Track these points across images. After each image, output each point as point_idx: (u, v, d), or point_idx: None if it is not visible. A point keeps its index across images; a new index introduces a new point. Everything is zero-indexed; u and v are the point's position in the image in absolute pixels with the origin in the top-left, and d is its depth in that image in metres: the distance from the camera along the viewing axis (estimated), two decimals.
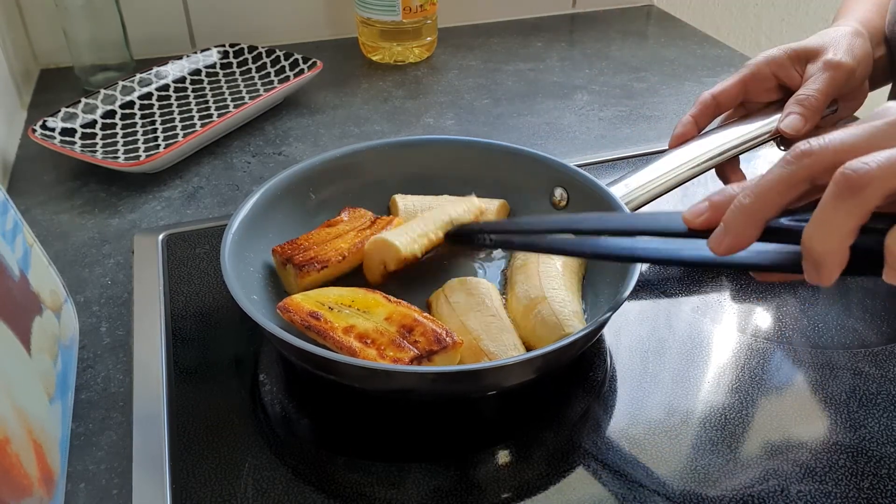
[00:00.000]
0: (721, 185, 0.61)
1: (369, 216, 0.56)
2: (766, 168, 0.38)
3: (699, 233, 0.40)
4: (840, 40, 0.58)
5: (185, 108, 0.80)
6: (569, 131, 0.80)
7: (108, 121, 0.77)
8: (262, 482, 0.42)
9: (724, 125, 0.60)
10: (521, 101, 0.86)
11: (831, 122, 0.59)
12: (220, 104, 0.80)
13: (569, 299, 0.49)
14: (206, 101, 0.81)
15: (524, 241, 0.50)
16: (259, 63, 0.87)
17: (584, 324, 0.48)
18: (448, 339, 0.44)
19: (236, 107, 0.79)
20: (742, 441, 0.45)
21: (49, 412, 0.41)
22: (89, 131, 0.75)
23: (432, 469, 0.43)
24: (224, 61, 0.88)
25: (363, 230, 0.54)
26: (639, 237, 0.44)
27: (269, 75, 0.86)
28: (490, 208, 0.58)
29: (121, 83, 0.80)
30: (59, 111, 0.74)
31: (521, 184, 0.59)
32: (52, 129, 0.73)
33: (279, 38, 0.99)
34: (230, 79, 0.86)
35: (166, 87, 0.83)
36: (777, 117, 0.57)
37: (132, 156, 0.71)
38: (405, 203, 0.58)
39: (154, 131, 0.76)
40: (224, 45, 0.89)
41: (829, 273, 0.35)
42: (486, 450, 0.45)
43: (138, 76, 0.82)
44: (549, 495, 0.42)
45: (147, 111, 0.79)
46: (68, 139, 0.73)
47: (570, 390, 0.48)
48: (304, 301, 0.47)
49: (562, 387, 0.48)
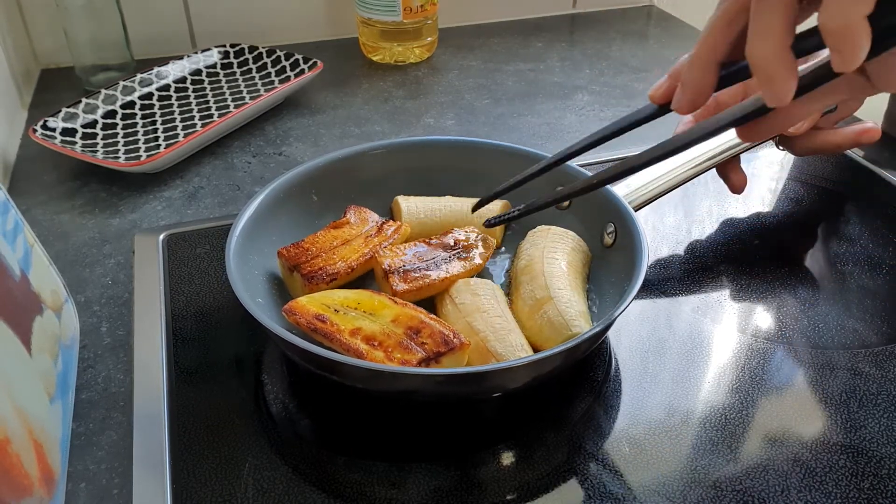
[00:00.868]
0: (722, 185, 0.61)
1: (375, 219, 0.56)
2: (767, 168, 0.38)
3: (667, 106, 0.41)
4: None
5: (185, 108, 0.80)
6: (569, 132, 0.80)
7: (109, 121, 0.77)
8: (263, 482, 0.42)
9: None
10: (522, 102, 0.86)
11: (831, 122, 0.59)
12: (221, 104, 0.80)
13: (574, 299, 0.49)
14: (207, 101, 0.81)
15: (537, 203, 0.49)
16: (260, 63, 0.87)
17: (590, 324, 0.48)
18: (455, 340, 0.44)
19: (237, 107, 0.79)
20: (742, 441, 0.45)
21: (49, 412, 0.41)
22: (90, 131, 0.75)
23: (433, 469, 0.43)
24: (225, 61, 0.88)
25: (370, 237, 0.54)
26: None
27: (269, 75, 0.86)
28: (492, 209, 0.58)
29: (121, 83, 0.80)
30: (60, 111, 0.74)
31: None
32: (53, 129, 0.73)
33: (280, 38, 0.99)
34: (231, 79, 0.86)
35: (167, 87, 0.83)
36: None
37: (133, 156, 0.71)
38: (408, 205, 0.58)
39: (155, 131, 0.76)
40: (225, 45, 0.89)
41: (780, 83, 0.34)
42: (487, 450, 0.45)
43: (139, 76, 0.82)
44: (549, 495, 0.42)
45: (148, 111, 0.79)
46: (69, 139, 0.73)
47: (571, 390, 0.48)
48: (309, 304, 0.47)
49: (563, 387, 0.48)
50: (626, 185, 0.56)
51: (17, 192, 0.69)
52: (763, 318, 0.55)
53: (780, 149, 0.63)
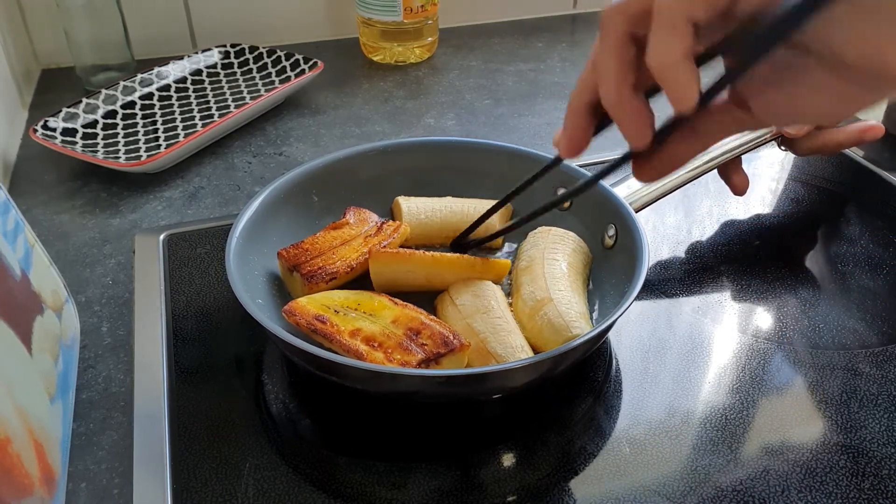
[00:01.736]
0: (722, 185, 0.61)
1: (375, 220, 0.56)
2: (767, 168, 0.38)
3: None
4: None
5: (186, 108, 0.80)
6: None
7: (110, 121, 0.77)
8: (263, 482, 0.42)
9: None
10: (522, 102, 0.86)
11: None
12: (222, 104, 0.80)
13: (575, 301, 0.49)
14: (208, 101, 0.81)
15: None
16: (260, 63, 0.87)
17: (590, 325, 0.48)
18: (455, 341, 0.44)
19: (237, 107, 0.79)
20: (743, 441, 0.45)
21: (50, 412, 0.41)
22: (90, 131, 0.75)
23: (434, 469, 0.43)
24: (225, 61, 0.88)
25: (370, 237, 0.54)
26: None
27: (270, 75, 0.86)
28: (504, 215, 0.58)
29: (122, 83, 0.80)
30: (61, 111, 0.74)
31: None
32: (54, 129, 0.73)
33: (280, 38, 0.99)
34: (231, 79, 0.86)
35: (167, 87, 0.83)
36: None
37: (133, 156, 0.71)
38: (409, 205, 0.58)
39: (155, 131, 0.76)
40: (225, 45, 0.89)
41: (629, 123, 0.35)
42: (488, 450, 0.45)
43: (139, 76, 0.82)
44: (550, 495, 0.42)
45: (148, 111, 0.79)
46: (69, 139, 0.73)
47: (572, 391, 0.48)
48: (309, 304, 0.47)
49: (563, 387, 0.48)
50: (627, 186, 0.56)
51: (18, 191, 0.69)
52: (763, 318, 0.55)
53: (783, 149, 0.63)
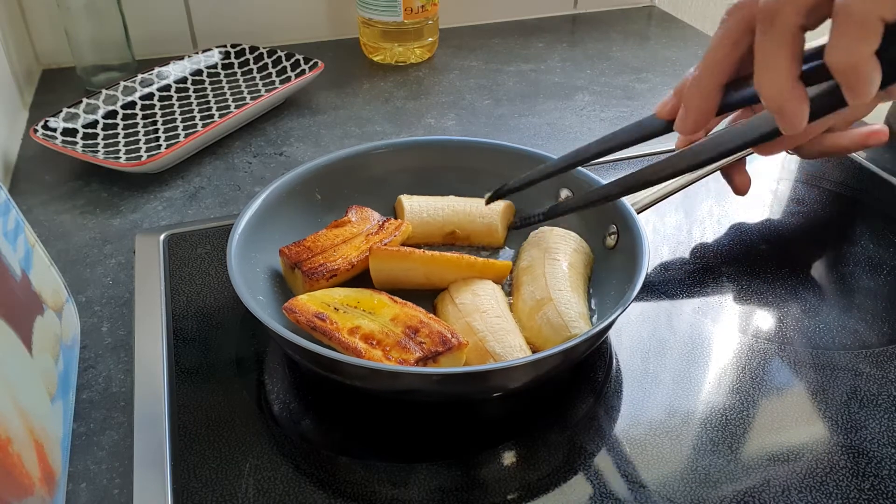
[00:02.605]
0: (723, 186, 0.61)
1: (377, 218, 0.56)
2: (768, 169, 0.39)
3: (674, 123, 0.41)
4: None
5: (186, 109, 0.80)
6: (570, 132, 0.80)
7: (110, 121, 0.77)
8: (264, 482, 0.42)
9: (730, 127, 0.60)
10: (523, 102, 0.86)
11: (843, 124, 0.59)
12: (222, 104, 0.80)
13: (574, 300, 0.49)
14: (208, 102, 0.81)
15: (568, 206, 0.50)
16: (260, 63, 0.87)
17: (590, 325, 0.48)
18: (453, 339, 0.44)
19: (238, 107, 0.79)
20: (743, 442, 0.45)
21: (50, 412, 0.41)
22: (91, 131, 0.75)
23: (435, 469, 0.43)
24: (226, 61, 0.88)
25: (371, 235, 0.54)
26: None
27: (270, 75, 0.86)
28: (496, 209, 0.58)
29: (122, 83, 0.80)
30: (61, 111, 0.74)
31: None
32: (54, 130, 0.73)
33: (281, 38, 0.99)
34: (232, 79, 0.86)
35: (168, 88, 0.83)
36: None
37: (134, 156, 0.71)
38: (411, 203, 0.58)
39: (156, 131, 0.76)
40: (226, 46, 0.89)
41: (790, 112, 0.35)
42: (489, 450, 0.45)
43: (140, 76, 0.82)
44: (551, 495, 0.42)
45: (149, 111, 0.79)
46: (70, 139, 0.73)
47: (573, 391, 0.48)
48: (309, 302, 0.47)
49: (564, 387, 0.48)
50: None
51: (18, 192, 0.69)
52: (764, 318, 0.55)
53: (789, 152, 0.63)
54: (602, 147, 0.45)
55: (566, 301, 0.48)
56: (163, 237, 0.61)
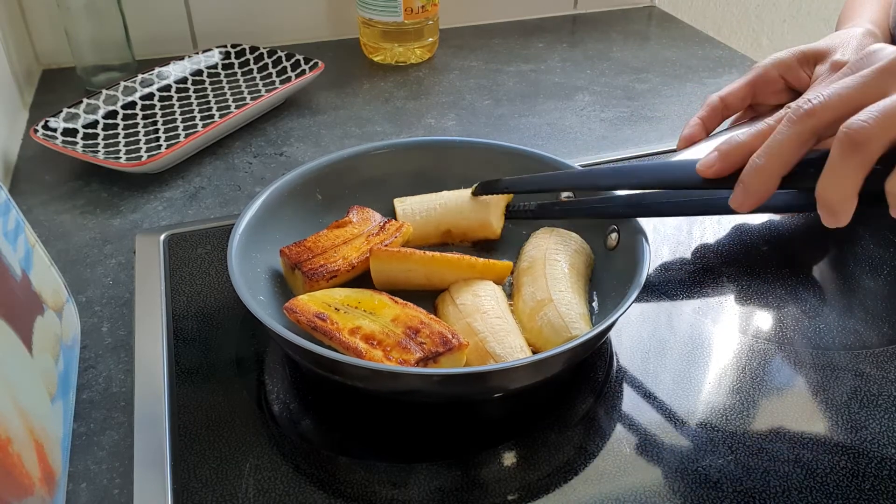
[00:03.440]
0: None
1: (378, 219, 0.56)
2: None
3: (712, 182, 0.45)
4: (850, 41, 0.58)
5: (186, 109, 0.80)
6: (570, 132, 0.80)
7: (110, 121, 0.77)
8: (264, 482, 0.42)
9: (732, 127, 0.60)
10: (523, 102, 0.86)
11: None
12: (222, 104, 0.80)
13: (575, 301, 0.49)
14: (208, 102, 0.81)
15: (563, 209, 0.56)
16: (261, 63, 0.88)
17: (590, 326, 0.48)
18: (454, 340, 0.44)
19: (238, 107, 0.79)
20: (743, 442, 0.45)
21: (51, 412, 0.41)
22: (91, 131, 0.75)
23: (435, 469, 0.43)
24: (226, 62, 0.88)
25: (372, 236, 0.54)
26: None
27: (270, 76, 0.86)
28: (487, 202, 0.58)
29: (123, 83, 0.80)
30: (61, 111, 0.74)
31: None
32: (54, 130, 0.73)
33: (281, 38, 0.99)
34: (232, 79, 0.86)
35: (168, 88, 0.83)
36: None
37: (134, 156, 0.71)
38: (403, 207, 0.58)
39: (156, 132, 0.76)
40: (226, 46, 0.89)
41: (843, 217, 0.40)
42: (489, 450, 0.45)
43: (140, 76, 0.82)
44: (551, 495, 0.42)
45: (149, 111, 0.79)
46: (70, 139, 0.73)
47: (573, 391, 0.48)
48: (310, 302, 0.47)
49: (564, 387, 0.48)
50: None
51: (19, 192, 0.69)
52: (764, 318, 0.55)
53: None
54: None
55: (567, 302, 0.48)
56: (163, 237, 0.61)
